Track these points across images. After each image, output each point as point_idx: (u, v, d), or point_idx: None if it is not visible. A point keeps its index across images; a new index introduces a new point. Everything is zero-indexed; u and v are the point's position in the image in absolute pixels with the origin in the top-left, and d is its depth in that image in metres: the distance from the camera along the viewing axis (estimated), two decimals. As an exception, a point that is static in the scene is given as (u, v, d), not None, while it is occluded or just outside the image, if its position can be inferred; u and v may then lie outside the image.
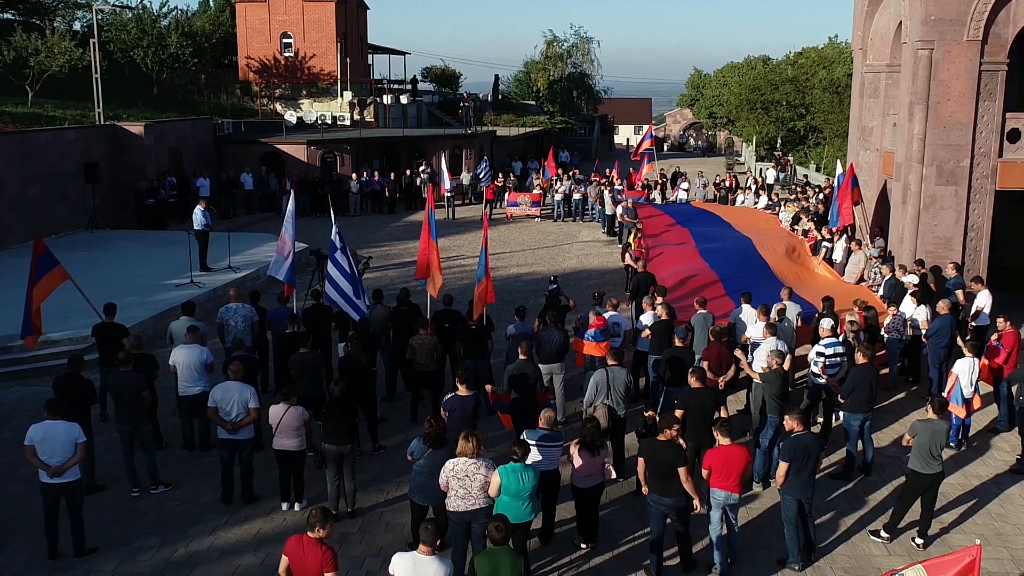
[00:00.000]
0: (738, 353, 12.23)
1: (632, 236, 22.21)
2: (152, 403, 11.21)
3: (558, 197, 31.93)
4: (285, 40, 43.39)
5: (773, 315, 13.08)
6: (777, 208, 26.67)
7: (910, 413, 13.29)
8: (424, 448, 8.74)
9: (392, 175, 33.76)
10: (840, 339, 12.08)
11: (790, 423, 8.76)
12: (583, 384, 12.91)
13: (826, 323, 11.93)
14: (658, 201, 31.14)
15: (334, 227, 13.63)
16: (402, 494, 10.36)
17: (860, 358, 10.86)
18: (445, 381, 13.79)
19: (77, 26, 44.26)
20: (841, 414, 11.25)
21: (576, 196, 31.80)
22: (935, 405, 9.13)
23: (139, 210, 27.30)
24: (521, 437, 9.11)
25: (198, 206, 20.30)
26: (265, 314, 13.54)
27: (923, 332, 13.88)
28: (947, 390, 11.68)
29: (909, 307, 14.26)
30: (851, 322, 12.71)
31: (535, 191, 32.65)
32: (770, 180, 37.96)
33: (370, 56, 52.91)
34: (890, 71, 18.93)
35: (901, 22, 17.55)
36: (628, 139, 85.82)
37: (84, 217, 25.79)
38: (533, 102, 60.37)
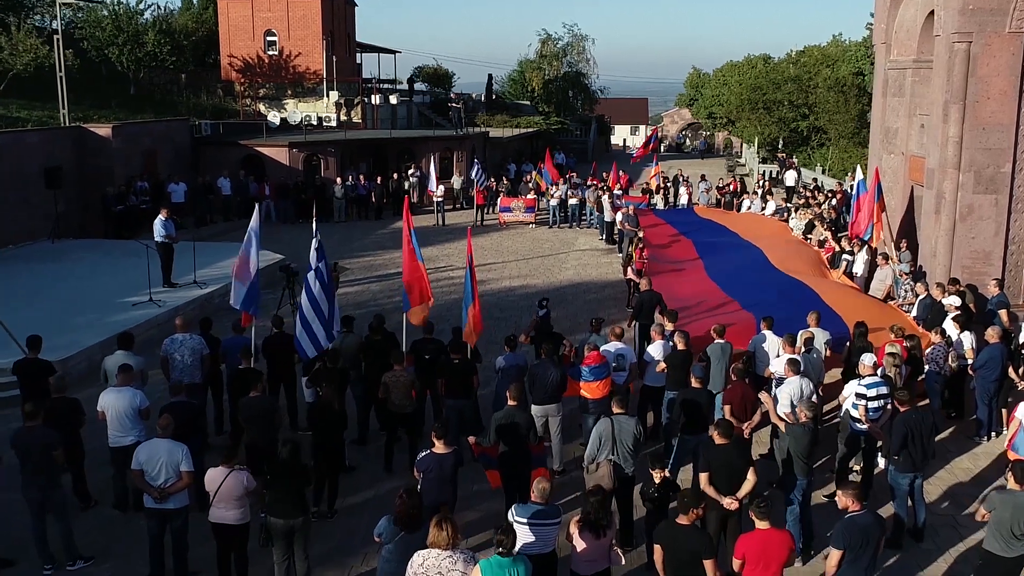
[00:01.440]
0: (764, 397, 10.53)
1: (633, 246, 20.54)
2: (78, 457, 9.51)
3: (554, 202, 30.23)
4: (269, 38, 41.59)
5: (799, 344, 11.43)
6: (786, 215, 24.99)
7: (957, 458, 11.62)
8: (395, 530, 7.05)
9: (379, 179, 32.03)
10: (880, 373, 10.41)
11: (844, 500, 7.07)
12: (582, 423, 11.24)
13: (867, 359, 10.25)
14: (660, 206, 29.46)
15: (314, 239, 11.92)
16: (369, 570, 8.66)
17: (899, 405, 9.15)
18: (426, 418, 12.13)
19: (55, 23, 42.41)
20: (888, 468, 9.53)
21: (572, 201, 30.10)
22: (1017, 474, 7.44)
23: (106, 218, 25.55)
24: (508, 518, 7.40)
25: (159, 215, 18.56)
26: (219, 345, 11.82)
27: (969, 363, 12.22)
28: (1008, 438, 10.00)
29: (951, 332, 12.61)
30: (892, 355, 11.02)
31: (529, 196, 30.94)
32: (790, 182, 36.11)
33: (359, 55, 51.19)
34: (917, 67, 17.26)
35: (932, 12, 15.90)
36: (625, 139, 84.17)
37: (47, 225, 24.03)
38: (528, 102, 58.67)
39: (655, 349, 11.67)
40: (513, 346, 11.71)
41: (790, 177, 36.38)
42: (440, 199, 30.44)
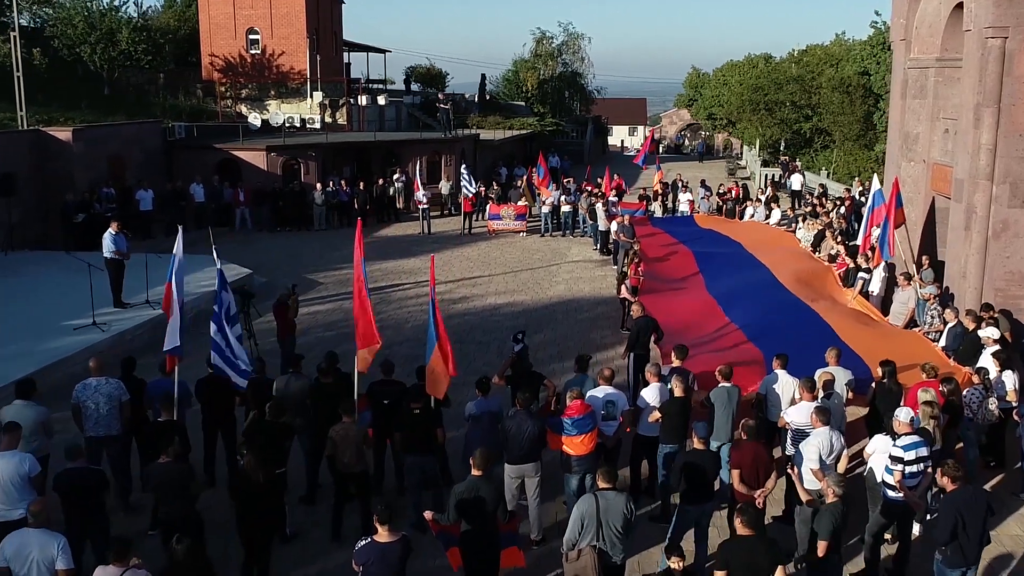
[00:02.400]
0: (791, 473, 8.76)
1: (628, 260, 18.92)
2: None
3: (545, 210, 28.58)
4: (252, 36, 39.95)
5: (819, 387, 9.82)
6: (793, 225, 23.36)
7: (1002, 522, 10.00)
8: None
9: (361, 184, 30.36)
10: (915, 425, 8.77)
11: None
12: (564, 484, 9.59)
13: (903, 415, 8.58)
14: (658, 214, 27.83)
15: (216, 261, 10.40)
16: None
17: (948, 483, 7.49)
18: (386, 472, 10.52)
19: (25, 20, 40.75)
20: (934, 560, 7.82)
21: (565, 208, 28.44)
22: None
23: (65, 227, 23.87)
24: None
25: (109, 228, 16.93)
26: (143, 389, 10.17)
27: (1013, 406, 10.61)
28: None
29: (989, 368, 10.98)
30: (928, 404, 9.38)
31: (520, 203, 29.29)
32: (796, 186, 34.45)
33: (346, 55, 49.57)
34: (941, 66, 15.64)
35: (960, 5, 14.27)
36: (622, 141, 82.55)
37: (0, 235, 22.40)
38: (523, 103, 57.06)
39: (650, 394, 10.03)
40: (485, 390, 10.07)
41: (796, 181, 34.74)
42: (426, 205, 28.79)
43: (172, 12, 46.19)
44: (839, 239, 18.88)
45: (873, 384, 10.49)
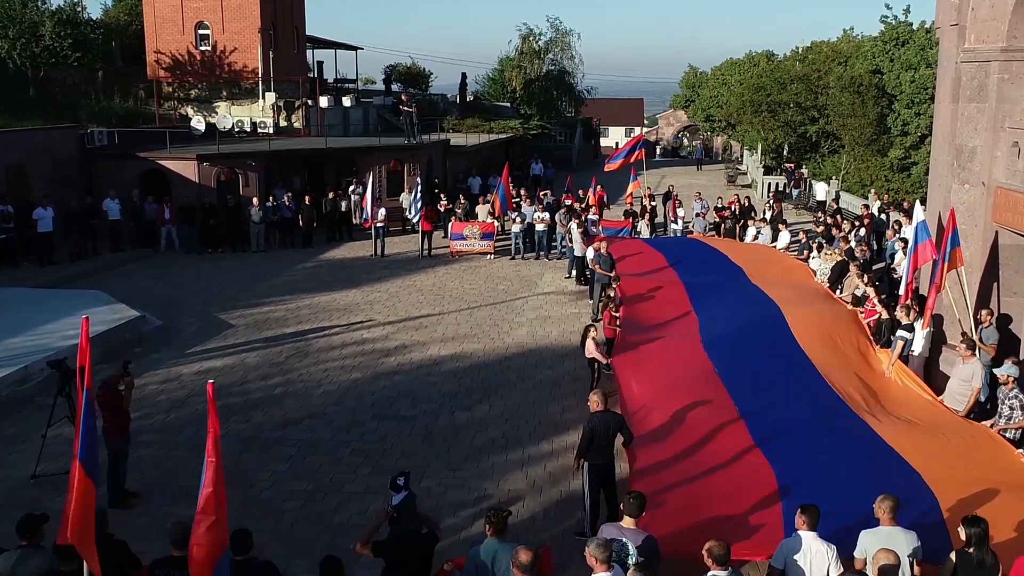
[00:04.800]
0: None
1: (603, 306, 15.15)
2: None
3: (515, 228, 24.76)
4: (201, 31, 36.12)
5: (873, 570, 6.05)
6: (807, 252, 19.52)
7: None
8: None
9: (308, 198, 26.51)
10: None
11: None
12: None
13: None
14: (645, 235, 24.03)
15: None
16: None
17: None
18: None
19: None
20: None
21: (540, 227, 24.60)
22: None
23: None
24: None
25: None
26: None
27: None
28: None
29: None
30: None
31: (487, 219, 25.47)
32: (820, 196, 30.65)
33: (313, 52, 45.80)
34: (1008, 59, 11.83)
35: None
36: (617, 144, 78.67)
37: None
38: (508, 104, 53.20)
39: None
40: (336, 573, 6.24)
41: (820, 190, 30.88)
42: (380, 224, 24.96)
43: (123, 6, 42.45)
44: (866, 277, 15.03)
45: (953, 555, 6.68)
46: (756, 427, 9.42)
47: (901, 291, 12.92)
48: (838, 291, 16.55)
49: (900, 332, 12.14)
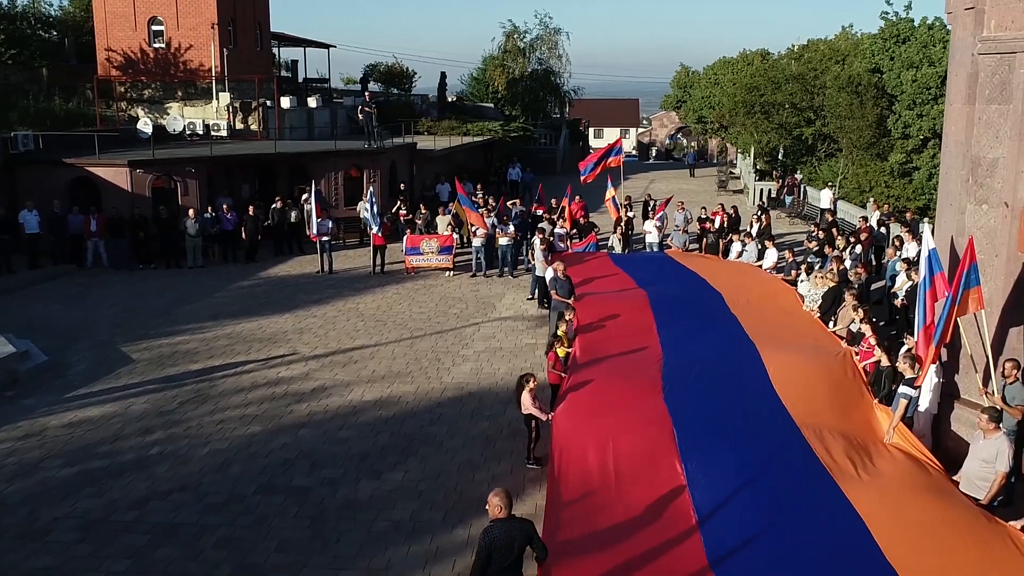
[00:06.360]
0: None
1: (554, 339, 12.77)
2: None
3: (476, 243, 22.38)
4: (155, 27, 33.85)
5: None
6: (794, 272, 17.17)
7: None
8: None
9: (251, 209, 24.14)
10: None
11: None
12: None
13: None
14: (617, 249, 21.68)
15: None
16: None
17: None
18: None
19: None
20: None
21: (504, 240, 22.20)
22: None
23: None
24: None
25: None
26: None
27: None
28: None
29: None
30: None
31: (446, 231, 23.10)
32: (825, 203, 28.34)
33: (279, 50, 43.51)
34: (1038, 50, 9.48)
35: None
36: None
37: None
38: (491, 105, 50.77)
39: None
40: None
41: (825, 197, 28.59)
42: (327, 238, 22.62)
43: (79, 2, 40.18)
44: (861, 311, 12.65)
45: None
46: (711, 541, 7.08)
47: (916, 334, 10.45)
48: (831, 323, 14.21)
49: (903, 389, 9.79)
